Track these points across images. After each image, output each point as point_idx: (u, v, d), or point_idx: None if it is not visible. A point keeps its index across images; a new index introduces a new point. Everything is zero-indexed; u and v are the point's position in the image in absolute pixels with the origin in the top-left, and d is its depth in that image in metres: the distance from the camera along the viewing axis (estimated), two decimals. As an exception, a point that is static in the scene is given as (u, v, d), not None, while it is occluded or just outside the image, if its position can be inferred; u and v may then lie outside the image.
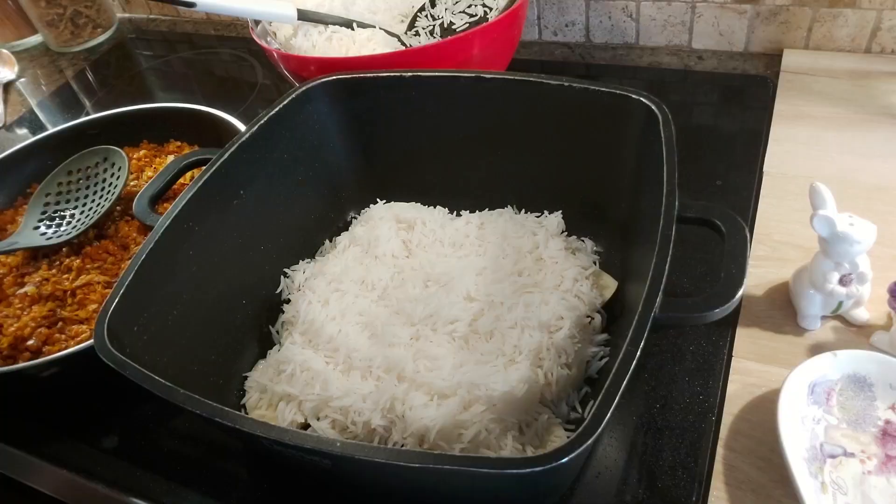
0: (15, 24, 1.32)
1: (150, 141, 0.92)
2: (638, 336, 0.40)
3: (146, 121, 0.91)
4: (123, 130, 0.91)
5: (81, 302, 0.68)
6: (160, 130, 0.91)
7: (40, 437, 0.63)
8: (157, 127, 0.91)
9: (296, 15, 0.81)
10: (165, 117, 0.91)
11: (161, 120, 0.91)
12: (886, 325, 0.56)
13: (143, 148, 0.91)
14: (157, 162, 0.88)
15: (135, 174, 0.87)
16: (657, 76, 0.94)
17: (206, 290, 0.59)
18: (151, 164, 0.88)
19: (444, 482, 0.43)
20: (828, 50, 0.88)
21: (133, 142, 0.92)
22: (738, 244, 0.46)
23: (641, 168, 0.57)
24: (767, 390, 0.54)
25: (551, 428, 0.51)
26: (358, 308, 0.61)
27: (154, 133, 0.92)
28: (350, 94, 0.68)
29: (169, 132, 0.91)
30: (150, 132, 0.92)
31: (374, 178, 0.74)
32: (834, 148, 0.74)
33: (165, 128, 0.91)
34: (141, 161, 0.88)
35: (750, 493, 0.48)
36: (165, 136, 0.92)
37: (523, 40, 1.04)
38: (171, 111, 0.91)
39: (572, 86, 0.60)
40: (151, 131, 0.92)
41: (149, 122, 0.91)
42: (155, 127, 0.91)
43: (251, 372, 0.61)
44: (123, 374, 0.44)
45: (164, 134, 0.92)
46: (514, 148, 0.67)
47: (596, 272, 0.63)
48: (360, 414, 0.52)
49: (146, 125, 0.91)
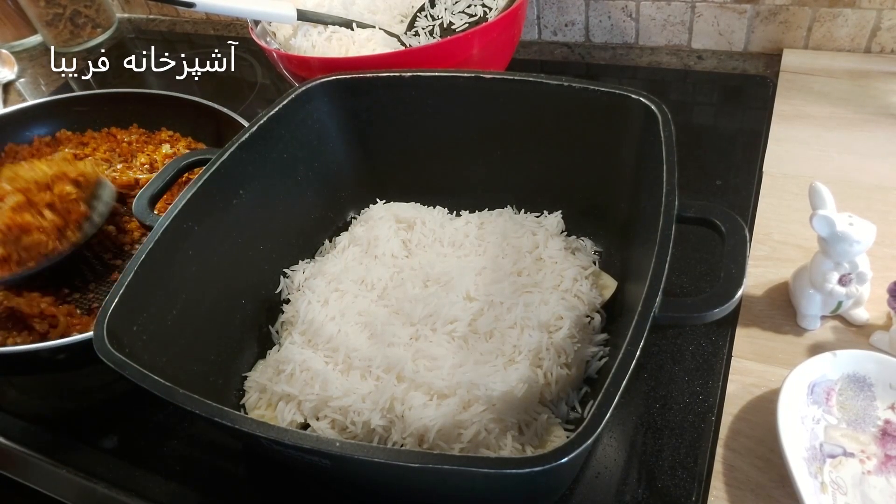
0: (15, 24, 1.32)
1: (141, 126, 0.91)
2: (638, 336, 0.40)
3: (137, 104, 0.90)
4: (111, 111, 0.90)
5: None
6: (152, 116, 0.91)
7: (40, 438, 0.63)
8: (149, 112, 0.90)
9: (295, 15, 0.81)
10: (157, 103, 0.90)
11: (153, 105, 0.90)
12: (886, 325, 0.56)
13: (134, 132, 0.90)
14: (148, 149, 0.87)
15: (125, 157, 0.86)
16: (657, 76, 0.94)
17: (206, 290, 0.59)
18: (143, 150, 0.87)
19: (443, 482, 0.43)
20: (827, 50, 0.88)
21: (122, 124, 0.91)
22: (738, 244, 0.46)
23: (641, 168, 0.57)
24: (767, 390, 0.54)
25: (551, 428, 0.51)
26: (357, 308, 0.61)
27: (145, 118, 0.91)
28: (350, 93, 0.68)
29: (161, 120, 0.91)
30: (142, 117, 0.91)
31: (373, 178, 0.74)
32: (834, 148, 0.74)
33: (157, 115, 0.91)
34: (132, 146, 0.87)
35: (750, 493, 0.48)
36: (157, 123, 0.91)
37: (523, 40, 1.04)
38: (163, 98, 0.90)
39: (572, 85, 0.60)
40: (143, 116, 0.91)
41: (140, 107, 0.90)
42: (147, 112, 0.91)
43: (251, 372, 0.61)
44: (123, 373, 0.44)
45: (156, 121, 0.91)
46: (514, 148, 0.67)
47: (595, 272, 0.63)
48: (359, 414, 0.52)
49: (137, 109, 0.91)
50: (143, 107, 0.91)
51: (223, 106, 0.84)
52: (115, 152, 0.87)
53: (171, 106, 0.89)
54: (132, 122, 0.91)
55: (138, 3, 1.37)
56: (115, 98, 0.91)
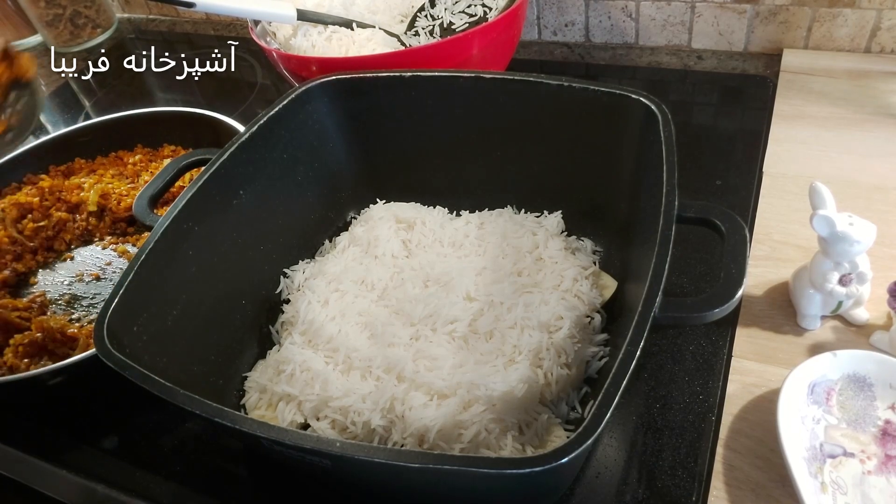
0: (15, 24, 1.32)
1: (145, 145, 0.92)
2: (638, 336, 0.40)
3: (140, 125, 0.91)
4: (117, 136, 0.91)
5: None
6: (155, 134, 0.92)
7: (41, 438, 0.63)
8: (151, 131, 0.91)
9: (295, 15, 0.81)
10: (159, 121, 0.91)
11: (155, 124, 0.91)
12: (886, 325, 0.56)
13: (139, 152, 0.91)
14: (152, 167, 0.88)
15: (131, 179, 0.87)
16: (657, 76, 0.94)
17: (206, 291, 0.59)
18: (147, 169, 0.88)
19: (443, 482, 0.43)
20: (827, 50, 0.88)
21: (127, 146, 0.92)
22: (738, 244, 0.46)
23: (641, 168, 0.57)
24: (767, 390, 0.54)
25: (551, 428, 0.51)
26: (357, 308, 0.61)
27: (148, 137, 0.92)
28: (349, 94, 0.68)
29: (164, 136, 0.92)
30: (145, 137, 0.92)
31: (373, 178, 0.74)
32: (834, 148, 0.74)
33: (160, 131, 0.91)
34: (136, 166, 0.89)
35: (750, 493, 0.48)
36: (160, 140, 0.92)
37: (523, 40, 1.04)
38: (165, 115, 0.91)
39: (572, 86, 0.60)
40: (146, 136, 0.92)
41: (143, 127, 0.91)
42: (149, 131, 0.92)
43: (251, 372, 0.60)
44: (123, 374, 0.44)
45: (159, 138, 0.92)
46: (514, 148, 0.67)
47: (596, 272, 0.63)
48: (359, 414, 0.52)
49: (140, 129, 0.92)
50: (144, 126, 0.92)
51: (223, 109, 0.84)
52: (122, 175, 0.89)
53: (170, 121, 0.90)
54: (136, 143, 0.92)
55: (138, 3, 1.37)
56: (117, 123, 0.92)
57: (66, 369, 0.59)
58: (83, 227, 0.82)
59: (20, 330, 0.68)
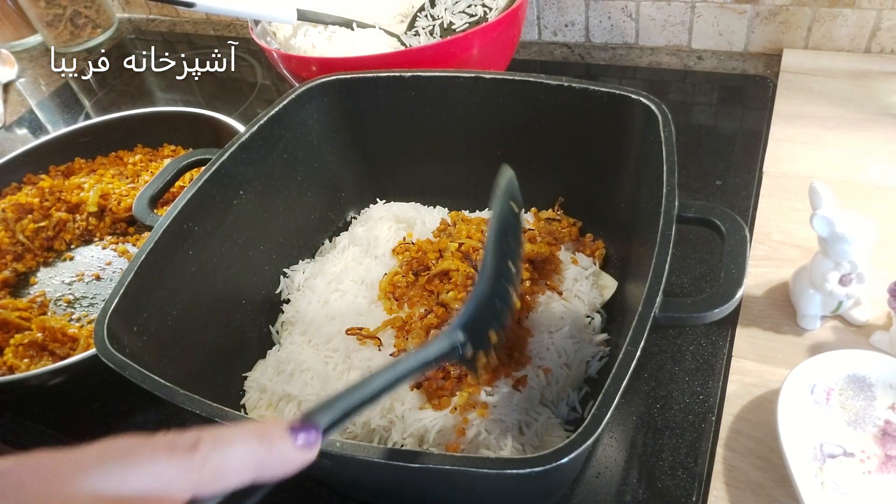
0: (15, 24, 1.32)
1: (145, 145, 0.92)
2: (638, 336, 0.40)
3: (140, 125, 0.91)
4: (117, 136, 0.91)
5: None
6: (155, 134, 0.92)
7: (41, 439, 0.63)
8: (151, 131, 0.91)
9: (295, 15, 0.81)
10: (159, 121, 0.91)
11: (155, 124, 0.91)
12: (886, 325, 0.56)
13: (139, 152, 0.91)
14: (152, 167, 0.88)
15: (131, 179, 0.87)
16: (657, 76, 0.94)
17: (206, 291, 0.59)
18: (147, 169, 0.88)
19: (443, 482, 0.43)
20: (827, 50, 0.88)
21: (127, 146, 0.92)
22: (738, 244, 0.46)
23: (641, 168, 0.57)
24: (767, 390, 0.54)
25: (551, 428, 0.51)
26: (358, 308, 0.61)
27: (148, 137, 0.92)
28: (350, 94, 0.68)
29: (164, 136, 0.92)
30: (145, 137, 0.92)
31: (373, 178, 0.74)
32: (834, 148, 0.74)
33: (160, 131, 0.91)
34: (136, 166, 0.89)
35: (750, 493, 0.48)
36: (160, 139, 0.92)
37: (523, 40, 1.04)
38: (165, 115, 0.91)
39: (572, 86, 0.60)
40: (146, 136, 0.92)
41: (143, 127, 0.91)
42: (149, 131, 0.92)
43: (251, 372, 0.60)
44: (123, 374, 0.44)
45: (159, 138, 0.92)
46: (514, 148, 0.67)
47: (596, 272, 0.63)
48: (359, 414, 0.52)
49: (140, 129, 0.92)
50: (144, 126, 0.91)
51: (223, 109, 0.84)
52: (122, 175, 0.89)
53: (170, 121, 0.90)
54: (137, 143, 0.92)
55: (138, 3, 1.37)
56: (117, 123, 0.92)
57: (66, 369, 0.59)
58: (83, 227, 0.82)
59: (20, 330, 0.68)
